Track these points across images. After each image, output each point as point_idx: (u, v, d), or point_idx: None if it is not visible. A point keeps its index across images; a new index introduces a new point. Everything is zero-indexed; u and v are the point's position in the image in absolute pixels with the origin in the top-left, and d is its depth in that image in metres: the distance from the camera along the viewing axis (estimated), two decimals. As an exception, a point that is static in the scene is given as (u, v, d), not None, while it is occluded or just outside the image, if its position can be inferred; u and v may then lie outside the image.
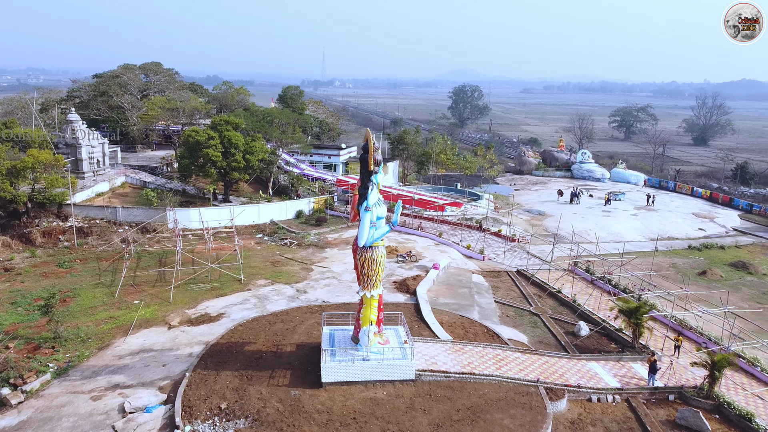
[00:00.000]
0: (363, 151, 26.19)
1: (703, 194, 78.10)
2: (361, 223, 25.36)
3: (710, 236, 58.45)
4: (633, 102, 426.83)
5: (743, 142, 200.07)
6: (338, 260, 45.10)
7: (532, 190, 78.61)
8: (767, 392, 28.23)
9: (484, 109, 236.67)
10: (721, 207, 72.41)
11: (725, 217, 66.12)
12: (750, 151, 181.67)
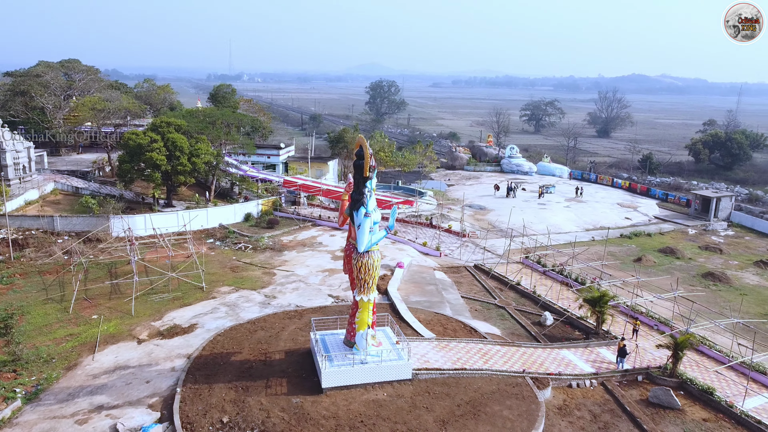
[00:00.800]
0: (357, 157, 26.47)
1: (623, 185, 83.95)
2: (362, 229, 25.66)
3: (636, 224, 63.14)
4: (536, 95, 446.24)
5: (640, 133, 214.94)
6: (300, 263, 44.90)
7: (466, 185, 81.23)
8: (723, 369, 31.21)
9: (401, 104, 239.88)
10: (640, 197, 78.17)
11: (646, 206, 71.58)
12: (647, 141, 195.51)
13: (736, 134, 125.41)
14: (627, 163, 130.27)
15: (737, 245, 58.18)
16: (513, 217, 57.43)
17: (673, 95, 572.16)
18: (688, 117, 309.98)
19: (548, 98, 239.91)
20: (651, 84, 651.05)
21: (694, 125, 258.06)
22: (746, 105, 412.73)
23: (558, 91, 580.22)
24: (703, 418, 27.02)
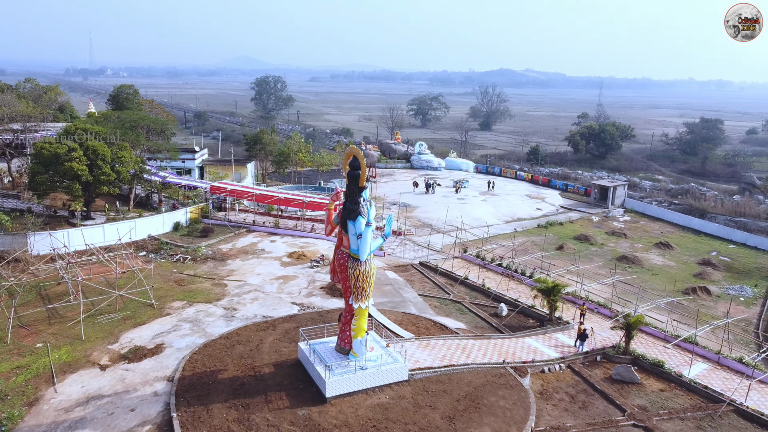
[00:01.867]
0: (351, 167, 26.82)
1: (526, 177, 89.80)
2: (364, 239, 26.09)
3: (547, 215, 68.17)
4: (414, 89, 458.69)
5: (518, 125, 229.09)
6: (249, 272, 44.01)
7: (382, 182, 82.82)
8: (667, 345, 35.19)
9: (288, 100, 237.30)
10: (543, 188, 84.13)
11: (551, 197, 77.32)
12: (525, 133, 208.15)
13: (608, 126, 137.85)
14: (515, 155, 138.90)
15: (636, 229, 64.84)
16: (439, 212, 59.81)
17: (537, 88, 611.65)
18: (554, 109, 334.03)
19: (425, 92, 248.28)
20: (517, 78, 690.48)
21: (561, 117, 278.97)
22: (603, 98, 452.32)
23: (433, 84, 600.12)
24: (660, 389, 30.47)
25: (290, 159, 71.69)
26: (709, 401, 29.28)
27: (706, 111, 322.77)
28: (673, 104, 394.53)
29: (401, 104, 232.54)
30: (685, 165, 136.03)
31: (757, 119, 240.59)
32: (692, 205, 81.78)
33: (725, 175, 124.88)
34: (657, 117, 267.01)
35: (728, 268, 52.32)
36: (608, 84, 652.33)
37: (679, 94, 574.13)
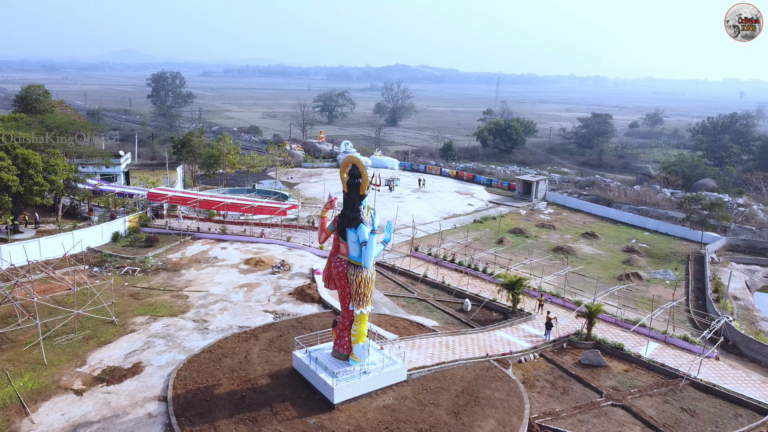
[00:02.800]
0: (350, 176, 27.18)
1: (451, 174, 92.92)
2: (369, 246, 26.52)
3: (478, 210, 71.30)
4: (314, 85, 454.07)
5: (422, 121, 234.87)
6: (208, 281, 42.83)
7: (311, 182, 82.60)
8: (627, 330, 38.45)
9: (188, 97, 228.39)
10: (469, 184, 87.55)
11: (479, 192, 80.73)
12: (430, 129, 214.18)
13: (513, 122, 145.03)
14: (427, 151, 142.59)
15: (561, 221, 69.44)
16: (380, 212, 60.70)
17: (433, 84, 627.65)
18: (453, 104, 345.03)
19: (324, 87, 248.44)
20: (413, 73, 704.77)
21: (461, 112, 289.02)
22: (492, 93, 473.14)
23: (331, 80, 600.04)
24: (624, 369, 33.45)
25: (220, 161, 69.78)
26: (667, 377, 32.57)
27: (589, 105, 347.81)
28: (560, 99, 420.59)
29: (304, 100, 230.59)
30: (583, 157, 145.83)
31: (633, 113, 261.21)
32: (599, 196, 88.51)
33: (618, 166, 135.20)
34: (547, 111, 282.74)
35: (649, 253, 57.61)
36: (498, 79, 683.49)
37: (563, 89, 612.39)
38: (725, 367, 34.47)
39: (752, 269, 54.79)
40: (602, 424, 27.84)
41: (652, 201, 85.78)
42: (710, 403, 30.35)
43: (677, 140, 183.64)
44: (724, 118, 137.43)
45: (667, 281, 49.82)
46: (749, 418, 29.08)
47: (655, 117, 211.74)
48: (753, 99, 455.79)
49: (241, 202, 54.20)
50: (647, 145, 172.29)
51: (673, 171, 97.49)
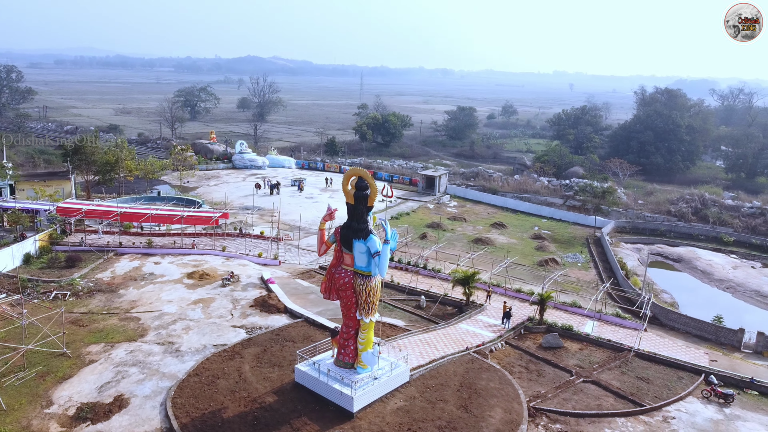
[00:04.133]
0: (357, 189, 27.61)
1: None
2: (383, 256, 27.15)
3: (390, 206, 73.32)
4: (162, 78, 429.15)
5: (289, 115, 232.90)
6: (156, 300, 40.43)
7: (211, 185, 79.43)
8: (562, 312, 42.50)
9: (27, 93, 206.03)
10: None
11: (384, 189, 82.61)
12: (300, 123, 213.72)
13: (390, 117, 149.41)
14: (306, 147, 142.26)
15: (468, 213, 73.80)
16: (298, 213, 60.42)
17: (287, 76, 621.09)
18: (313, 97, 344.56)
19: (174, 80, 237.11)
20: (266, 65, 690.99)
21: (325, 105, 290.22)
22: (350, 85, 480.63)
23: (179, 72, 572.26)
24: (578, 348, 37.34)
25: (117, 168, 64.85)
26: (615, 351, 36.92)
27: (444, 97, 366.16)
28: (415, 91, 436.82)
29: (158, 95, 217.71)
30: (456, 149, 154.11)
31: (483, 104, 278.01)
32: (485, 186, 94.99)
33: (489, 156, 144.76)
34: (407, 104, 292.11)
35: (553, 239, 63.53)
36: (352, 72, 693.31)
37: (415, 81, 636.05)
38: (654, 337, 39.71)
39: (638, 247, 62.74)
40: (583, 400, 31.14)
41: (533, 189, 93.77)
42: (656, 369, 35.01)
43: (531, 130, 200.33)
44: (576, 110, 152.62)
45: (578, 264, 55.57)
46: (690, 379, 34.03)
47: (510, 109, 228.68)
48: (580, 90, 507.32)
49: (168, 213, 51.19)
50: (507, 136, 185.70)
51: (545, 161, 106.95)
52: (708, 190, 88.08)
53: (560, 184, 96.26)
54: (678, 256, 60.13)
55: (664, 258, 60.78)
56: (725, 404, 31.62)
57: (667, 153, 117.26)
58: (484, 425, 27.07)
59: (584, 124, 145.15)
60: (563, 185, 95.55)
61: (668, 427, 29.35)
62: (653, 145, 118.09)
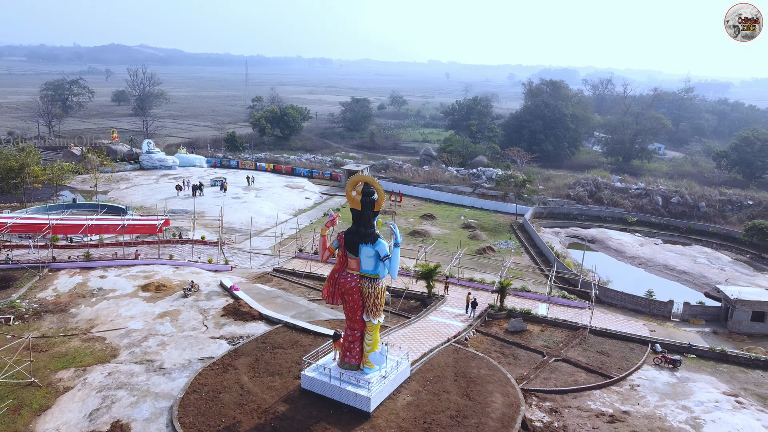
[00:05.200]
0: (364, 195, 28.13)
1: (267, 168, 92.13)
2: (394, 258, 27.94)
3: (318, 202, 73.43)
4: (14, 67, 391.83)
5: (172, 108, 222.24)
6: (116, 316, 38.16)
7: (123, 189, 74.62)
8: (515, 297, 45.51)
9: None
10: (292, 177, 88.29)
11: (307, 185, 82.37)
12: (185, 117, 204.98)
13: (289, 109, 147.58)
14: (200, 142, 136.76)
15: (387, 201, 75.48)
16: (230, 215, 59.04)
17: (157, 66, 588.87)
18: (193, 89, 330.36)
19: (29, 70, 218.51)
20: (132, 54, 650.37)
21: (208, 97, 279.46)
22: (232, 76, 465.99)
23: (34, 61, 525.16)
24: (540, 330, 40.51)
25: (23, 175, 59.25)
26: (572, 330, 40.50)
27: (327, 87, 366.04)
28: (297, 81, 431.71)
29: (11, 87, 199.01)
30: (355, 140, 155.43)
31: (367, 94, 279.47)
32: (396, 177, 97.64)
33: (388, 147, 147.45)
34: (292, 94, 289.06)
35: (482, 228, 67.14)
36: (228, 61, 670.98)
37: (294, 71, 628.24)
38: (599, 313, 43.81)
39: (556, 231, 68.09)
40: (560, 377, 34.13)
41: (443, 179, 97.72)
42: (611, 344, 38.94)
43: (422, 120, 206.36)
44: (468, 101, 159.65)
45: (512, 250, 59.40)
46: (640, 349, 38.24)
47: (399, 99, 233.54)
48: (456, 79, 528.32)
49: (108, 223, 47.84)
50: (402, 126, 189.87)
51: (450, 151, 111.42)
52: (599, 174, 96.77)
53: (468, 173, 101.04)
54: (592, 237, 66.09)
55: (580, 240, 66.46)
56: (674, 369, 35.99)
57: (555, 140, 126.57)
58: (490, 410, 28.98)
59: (477, 114, 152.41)
60: (471, 174, 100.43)
61: (637, 393, 33.01)
62: (543, 133, 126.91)
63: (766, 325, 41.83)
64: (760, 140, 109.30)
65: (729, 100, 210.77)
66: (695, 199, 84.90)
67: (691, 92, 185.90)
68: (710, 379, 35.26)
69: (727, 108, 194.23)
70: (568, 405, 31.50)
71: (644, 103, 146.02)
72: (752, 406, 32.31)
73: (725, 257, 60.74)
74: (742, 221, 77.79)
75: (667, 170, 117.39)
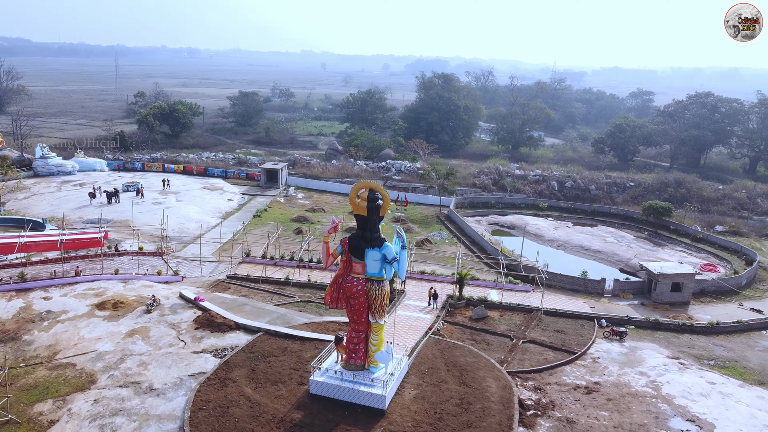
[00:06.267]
0: (370, 200, 28.86)
1: (177, 169, 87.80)
2: (402, 260, 29.05)
3: (241, 203, 71.72)
4: None
5: (35, 105, 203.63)
6: (79, 339, 35.66)
7: (21, 199, 67.96)
8: (468, 286, 48.14)
9: None
10: (205, 178, 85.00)
11: (226, 186, 79.87)
12: (49, 115, 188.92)
13: (178, 105, 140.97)
14: (83, 141, 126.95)
15: (321, 203, 75.91)
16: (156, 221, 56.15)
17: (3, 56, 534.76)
18: (52, 83, 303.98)
19: None
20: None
21: (71, 92, 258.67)
22: (92, 68, 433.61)
23: None
24: (499, 315, 43.55)
25: None
26: (527, 312, 43.97)
27: (201, 79, 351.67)
28: (166, 72, 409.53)
29: None
30: (249, 136, 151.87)
31: (246, 86, 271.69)
32: (306, 173, 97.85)
33: (285, 142, 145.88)
34: (166, 88, 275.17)
35: (411, 220, 69.44)
36: (84, 52, 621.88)
37: (159, 61, 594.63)
38: (546, 295, 47.69)
39: (478, 219, 72.14)
40: (532, 358, 37.21)
41: (353, 173, 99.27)
42: (563, 322, 42.82)
43: (312, 113, 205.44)
44: (363, 94, 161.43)
45: (446, 240, 62.29)
46: (589, 325, 42.46)
47: (287, 91, 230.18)
48: (333, 70, 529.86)
49: (46, 240, 43.80)
50: (292, 119, 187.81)
51: (356, 144, 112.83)
52: (500, 163, 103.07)
53: (378, 166, 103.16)
54: (511, 224, 70.91)
55: (500, 226, 71.00)
56: (621, 340, 40.45)
57: (451, 131, 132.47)
58: (488, 394, 31.26)
59: (371, 106, 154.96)
60: (381, 167, 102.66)
61: (599, 365, 36.88)
62: (439, 124, 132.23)
63: (683, 294, 47.93)
64: (630, 127, 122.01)
65: (593, 89, 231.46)
66: (586, 183, 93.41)
67: (563, 83, 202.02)
68: (653, 345, 40.08)
69: (592, 97, 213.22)
70: (547, 382, 34.54)
71: (529, 94, 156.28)
72: (693, 366, 37.38)
73: (629, 235, 68.06)
74: (626, 201, 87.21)
75: (552, 156, 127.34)
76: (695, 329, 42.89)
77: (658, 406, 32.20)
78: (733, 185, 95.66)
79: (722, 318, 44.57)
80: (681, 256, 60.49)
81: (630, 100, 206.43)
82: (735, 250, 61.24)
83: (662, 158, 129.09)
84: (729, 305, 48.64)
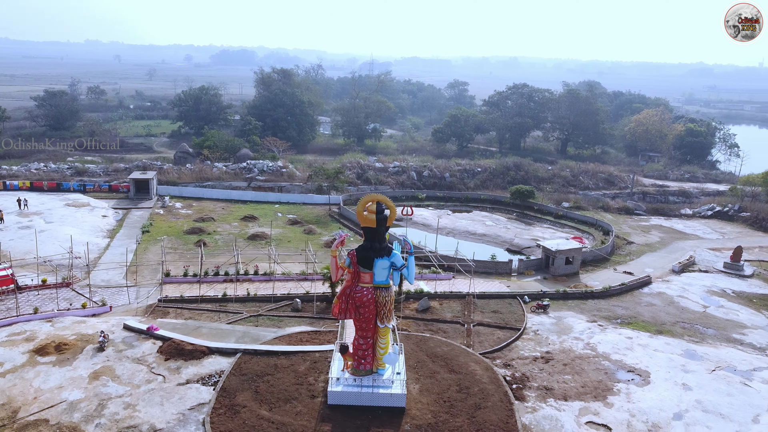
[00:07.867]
0: (378, 213, 30.07)
1: (21, 186, 76.74)
2: (411, 266, 30.74)
3: (118, 219, 65.79)
4: None
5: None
6: (38, 391, 31.45)
7: None
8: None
9: None
10: (62, 193, 75.60)
11: (93, 201, 71.98)
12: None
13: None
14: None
15: (205, 211, 72.59)
16: (29, 245, 50.10)
17: None
18: None
19: None
20: None
21: None
22: None
23: None
24: (439, 304, 47.19)
25: None
26: (461, 298, 48.24)
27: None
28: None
29: None
30: (70, 141, 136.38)
31: (36, 82, 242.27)
32: (161, 179, 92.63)
33: (115, 145, 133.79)
34: None
35: (306, 221, 69.83)
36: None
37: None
38: (464, 280, 52.27)
39: (366, 215, 74.86)
40: (489, 339, 41.53)
41: (214, 176, 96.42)
42: (494, 303, 47.85)
43: (132, 112, 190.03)
44: (196, 90, 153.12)
45: (351, 239, 64.08)
46: (515, 302, 47.98)
47: (97, 89, 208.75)
48: (129, 61, 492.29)
49: None
50: (111, 119, 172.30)
51: (209, 146, 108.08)
52: (359, 157, 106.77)
53: (239, 167, 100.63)
54: (398, 216, 74.80)
55: (388, 220, 74.58)
56: (545, 312, 46.50)
57: (298, 126, 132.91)
58: (478, 377, 34.81)
59: (206, 103, 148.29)
60: (242, 168, 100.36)
61: (542, 337, 42.37)
62: (285, 120, 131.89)
63: (574, 266, 55.92)
64: (464, 116, 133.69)
65: (412, 80, 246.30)
66: (441, 171, 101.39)
67: (389, 74, 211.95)
68: (571, 313, 46.72)
69: (414, 88, 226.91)
70: (511, 358, 38.98)
71: (370, 88, 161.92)
72: (609, 326, 44.54)
73: (502, 218, 76.10)
74: (477, 186, 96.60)
75: (396, 147, 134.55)
76: (595, 295, 50.63)
77: (602, 363, 38.25)
78: (558, 166, 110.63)
79: (608, 282, 53.10)
80: (550, 233, 69.60)
81: (448, 91, 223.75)
82: (591, 223, 72.08)
83: (491, 144, 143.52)
84: (606, 271, 57.77)
